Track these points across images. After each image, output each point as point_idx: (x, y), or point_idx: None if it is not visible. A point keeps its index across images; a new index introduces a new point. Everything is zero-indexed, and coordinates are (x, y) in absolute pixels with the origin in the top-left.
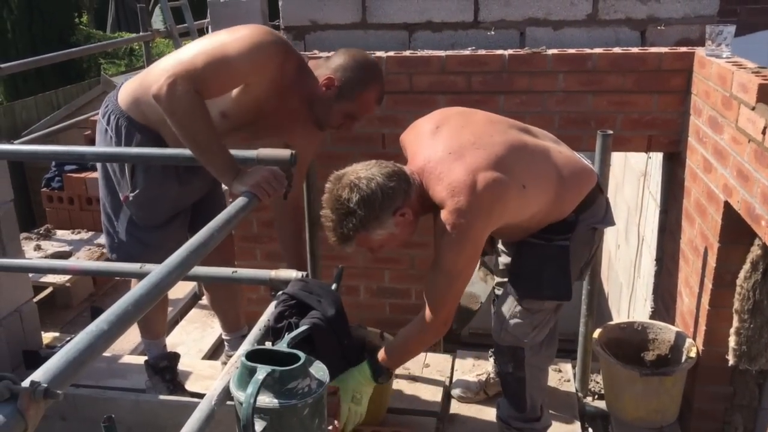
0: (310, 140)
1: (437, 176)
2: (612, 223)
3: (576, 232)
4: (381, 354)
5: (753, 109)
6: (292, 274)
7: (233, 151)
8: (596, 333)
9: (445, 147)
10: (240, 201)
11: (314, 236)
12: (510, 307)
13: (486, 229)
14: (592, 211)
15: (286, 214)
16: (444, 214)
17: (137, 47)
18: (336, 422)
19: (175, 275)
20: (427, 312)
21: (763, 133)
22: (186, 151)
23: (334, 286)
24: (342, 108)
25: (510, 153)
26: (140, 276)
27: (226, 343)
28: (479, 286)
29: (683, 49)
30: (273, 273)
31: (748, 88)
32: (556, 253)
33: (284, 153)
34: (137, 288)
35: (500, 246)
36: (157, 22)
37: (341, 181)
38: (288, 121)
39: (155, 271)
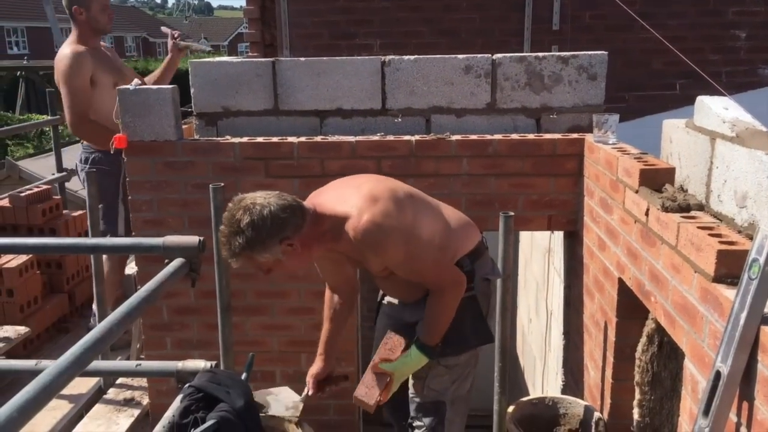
0: None
1: (330, 198)
2: (500, 274)
3: (475, 282)
4: (423, 338)
5: (636, 192)
6: (200, 364)
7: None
8: (509, 410)
9: (340, 184)
10: (143, 292)
11: (226, 323)
12: (429, 366)
13: (392, 219)
14: (483, 260)
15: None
16: (351, 227)
17: (47, 129)
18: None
19: (68, 375)
20: (433, 286)
21: (647, 214)
22: None
23: (244, 376)
24: None
25: (397, 183)
26: (35, 373)
27: None
28: (280, 406)
29: (574, 135)
30: (180, 364)
31: (632, 172)
32: (469, 305)
33: (192, 240)
34: (23, 392)
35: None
36: None
37: (240, 202)
38: None
39: (46, 371)
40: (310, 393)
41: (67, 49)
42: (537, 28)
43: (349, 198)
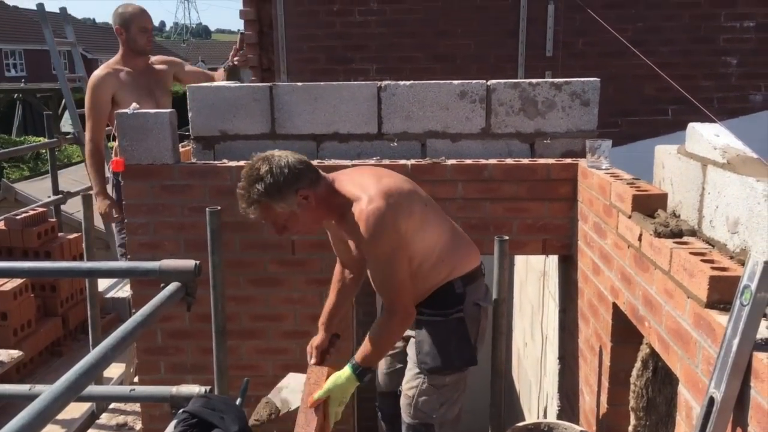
0: None
1: (350, 179)
2: (491, 303)
3: (465, 305)
4: (359, 357)
5: (629, 217)
6: (194, 389)
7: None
8: None
9: (364, 170)
10: (139, 315)
11: (221, 347)
12: (417, 385)
13: (396, 219)
14: (477, 285)
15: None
16: (358, 209)
17: (43, 152)
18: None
19: (63, 401)
20: (388, 303)
21: (640, 239)
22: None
23: (238, 401)
24: None
25: (417, 188)
26: (29, 398)
27: None
28: (297, 396)
29: (568, 160)
30: (174, 389)
31: (624, 198)
32: (455, 326)
33: (188, 264)
34: (18, 418)
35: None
36: (66, 125)
37: (259, 156)
38: None
39: (41, 396)
40: (313, 362)
41: (97, 69)
42: (531, 54)
43: (367, 186)
